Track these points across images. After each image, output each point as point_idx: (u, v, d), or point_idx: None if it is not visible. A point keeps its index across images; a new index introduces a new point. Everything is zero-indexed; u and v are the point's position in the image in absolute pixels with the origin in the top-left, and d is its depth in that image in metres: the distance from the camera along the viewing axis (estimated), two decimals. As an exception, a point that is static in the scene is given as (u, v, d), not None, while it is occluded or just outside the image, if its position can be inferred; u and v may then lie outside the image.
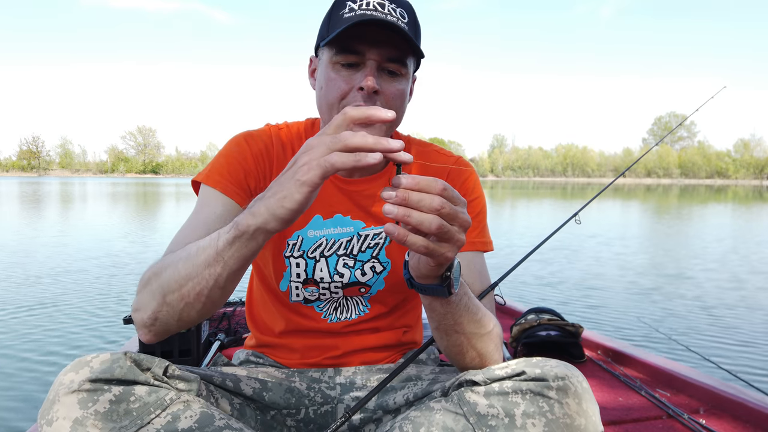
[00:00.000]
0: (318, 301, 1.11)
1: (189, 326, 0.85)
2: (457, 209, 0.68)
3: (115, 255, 7.10)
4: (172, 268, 0.80)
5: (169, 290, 0.80)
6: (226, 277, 0.77)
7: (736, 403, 1.62)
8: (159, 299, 0.81)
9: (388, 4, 0.95)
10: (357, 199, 1.09)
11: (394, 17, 0.94)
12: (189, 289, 0.79)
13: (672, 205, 22.73)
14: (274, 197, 0.70)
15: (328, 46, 0.96)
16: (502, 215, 15.56)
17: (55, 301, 4.57)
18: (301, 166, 0.67)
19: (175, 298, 0.80)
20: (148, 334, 0.85)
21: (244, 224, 0.73)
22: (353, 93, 0.95)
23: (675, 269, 6.55)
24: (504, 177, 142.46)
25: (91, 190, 34.15)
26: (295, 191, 0.68)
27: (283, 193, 0.69)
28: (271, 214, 0.70)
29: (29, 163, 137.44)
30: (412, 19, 0.98)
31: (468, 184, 1.12)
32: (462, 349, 0.89)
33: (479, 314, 0.87)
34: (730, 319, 4.23)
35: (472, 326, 0.86)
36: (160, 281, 0.81)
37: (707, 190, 51.49)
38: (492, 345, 0.90)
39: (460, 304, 0.83)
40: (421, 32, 1.02)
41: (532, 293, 5.06)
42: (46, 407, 0.74)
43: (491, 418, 0.79)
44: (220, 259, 0.76)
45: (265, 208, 0.71)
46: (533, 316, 2.24)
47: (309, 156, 0.67)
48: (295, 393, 1.06)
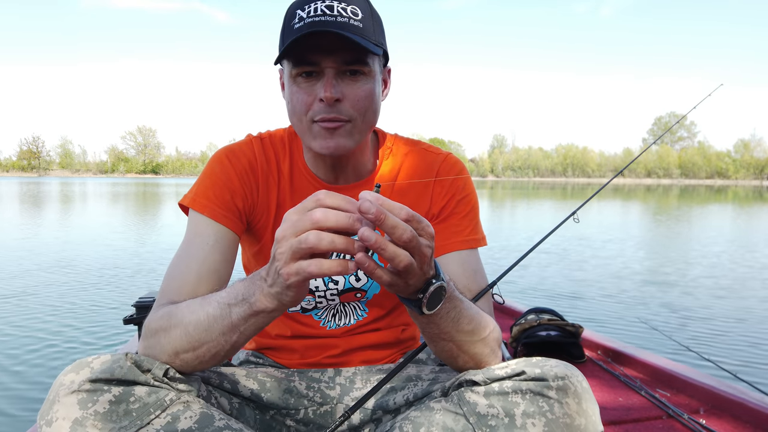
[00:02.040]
0: (315, 309, 1.10)
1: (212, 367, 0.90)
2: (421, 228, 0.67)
3: (116, 255, 7.10)
4: (181, 330, 0.81)
5: (182, 350, 0.82)
6: (243, 341, 0.81)
7: (736, 403, 1.62)
8: (171, 355, 0.82)
9: (336, 4, 0.91)
10: None
11: (345, 17, 0.90)
12: (204, 351, 0.81)
13: (672, 206, 22.73)
14: (272, 288, 0.72)
15: (285, 59, 0.95)
16: (502, 216, 15.56)
17: (55, 301, 4.57)
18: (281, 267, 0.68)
19: (190, 357, 0.82)
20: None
21: (260, 306, 0.74)
22: (316, 103, 0.93)
23: (675, 269, 6.55)
24: (504, 177, 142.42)
25: (91, 191, 34.14)
26: (283, 293, 0.71)
27: (276, 289, 0.71)
28: (280, 303, 0.73)
29: (29, 163, 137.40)
30: (367, 13, 0.94)
31: (458, 182, 1.10)
32: (452, 354, 0.87)
33: (472, 324, 0.84)
34: (731, 319, 4.23)
35: (462, 336, 0.84)
36: (171, 339, 0.82)
37: (707, 191, 51.49)
38: (487, 349, 0.88)
39: (447, 317, 0.80)
40: (381, 22, 0.99)
41: (532, 293, 5.06)
42: (45, 407, 0.74)
43: (491, 418, 0.79)
44: (235, 330, 0.78)
45: (274, 297, 0.73)
46: (533, 316, 2.24)
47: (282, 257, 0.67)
48: (294, 393, 1.06)
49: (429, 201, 1.10)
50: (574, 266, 6.58)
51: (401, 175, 1.11)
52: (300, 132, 0.99)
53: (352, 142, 0.97)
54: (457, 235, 1.06)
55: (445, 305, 0.78)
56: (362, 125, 0.97)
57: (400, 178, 1.10)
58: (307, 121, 0.95)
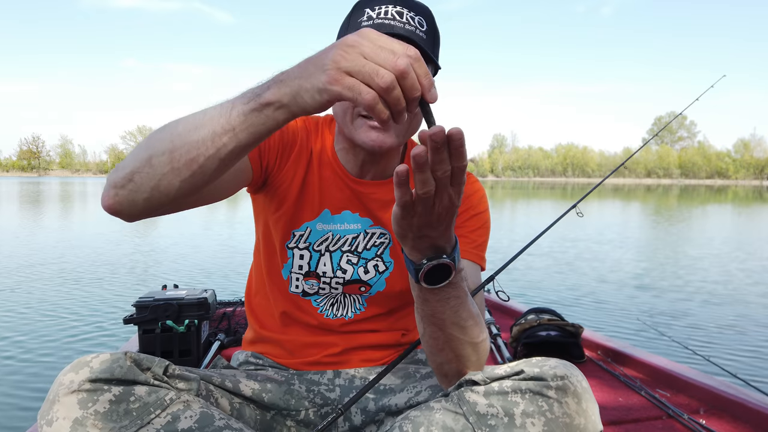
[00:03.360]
0: (316, 295, 1.11)
1: (159, 205, 0.76)
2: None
3: (116, 254, 7.09)
4: (170, 130, 0.74)
5: (158, 151, 0.73)
6: (230, 150, 0.71)
7: (736, 403, 1.62)
8: (144, 158, 0.74)
9: (406, 12, 0.93)
10: (365, 201, 1.09)
11: (412, 26, 0.93)
12: (182, 153, 0.72)
13: (672, 206, 22.73)
14: (300, 79, 0.65)
15: None
16: (502, 214, 15.56)
17: (55, 300, 4.57)
18: (333, 67, 0.62)
19: (163, 161, 0.73)
20: (112, 198, 0.76)
21: (270, 97, 0.67)
22: None
23: (675, 269, 6.54)
24: (504, 177, 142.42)
25: (91, 191, 34.14)
26: (305, 91, 0.65)
27: (303, 82, 0.65)
28: (293, 99, 0.66)
29: (29, 163, 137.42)
30: (430, 27, 0.97)
31: (474, 197, 1.11)
32: (437, 345, 0.85)
33: (469, 322, 0.82)
34: (731, 320, 4.23)
35: (455, 330, 0.82)
36: (152, 141, 0.75)
37: (707, 191, 51.50)
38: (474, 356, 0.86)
39: (447, 303, 0.79)
40: (440, 38, 1.02)
41: (532, 293, 5.06)
42: (45, 407, 0.74)
43: (491, 417, 0.79)
44: (228, 131, 0.70)
45: (293, 90, 0.66)
46: (533, 316, 2.24)
47: (343, 62, 0.62)
48: (295, 395, 1.06)
49: None
50: (574, 266, 6.58)
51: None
52: (342, 123, 1.00)
53: (394, 142, 0.99)
54: (464, 245, 1.06)
55: (448, 290, 0.78)
56: (407, 129, 1.00)
57: None
58: (353, 114, 0.97)
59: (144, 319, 1.96)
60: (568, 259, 7.06)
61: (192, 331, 1.99)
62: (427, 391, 1.03)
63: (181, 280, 4.96)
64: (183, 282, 4.08)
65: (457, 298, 0.79)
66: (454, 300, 0.79)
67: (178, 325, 1.97)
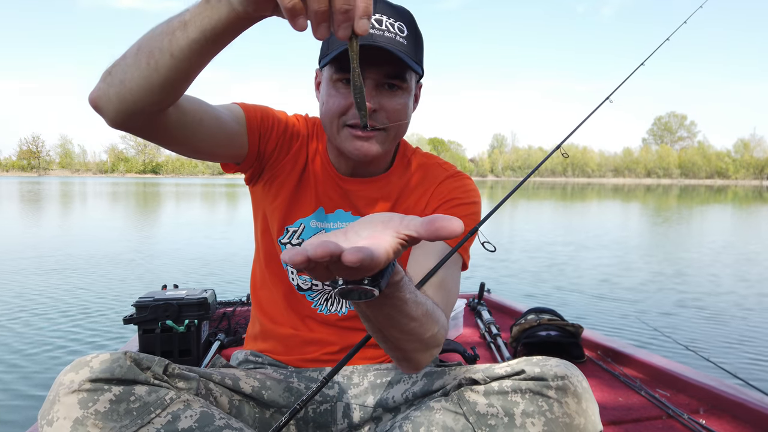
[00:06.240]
0: (310, 291, 1.13)
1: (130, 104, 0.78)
2: None
3: (115, 254, 7.09)
4: (136, 42, 0.77)
5: (133, 47, 0.76)
6: (181, 46, 0.71)
7: (736, 403, 1.62)
8: (123, 53, 0.78)
9: (386, 19, 0.94)
10: (353, 199, 1.11)
11: (392, 33, 0.94)
12: (144, 46, 0.74)
13: (672, 206, 22.73)
14: None
15: (327, 64, 0.98)
16: (502, 213, 15.55)
17: (54, 300, 4.57)
18: None
19: (131, 53, 0.76)
20: (94, 91, 0.81)
21: None
22: (352, 109, 0.97)
23: (675, 269, 6.54)
24: (504, 177, 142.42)
25: (91, 190, 34.14)
26: None
27: None
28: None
29: (29, 163, 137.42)
30: (411, 32, 0.98)
31: (465, 188, 1.12)
32: (381, 341, 0.81)
33: (410, 325, 0.76)
34: (730, 319, 4.23)
35: (393, 332, 0.76)
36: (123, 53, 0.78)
37: (707, 191, 51.49)
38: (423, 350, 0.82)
39: (380, 312, 0.72)
40: (422, 41, 1.03)
41: (531, 293, 5.06)
42: (46, 407, 0.74)
43: (491, 417, 0.79)
44: (182, 23, 0.71)
45: None
46: (533, 316, 2.24)
47: None
48: (294, 392, 1.06)
49: (425, 204, 1.12)
50: (574, 266, 6.58)
51: (409, 181, 1.14)
52: (330, 133, 1.03)
53: (381, 150, 1.02)
54: None
55: (378, 301, 0.69)
56: (393, 136, 1.02)
57: (408, 185, 1.14)
58: (339, 124, 0.99)
59: (144, 319, 1.96)
60: (568, 259, 7.06)
61: (192, 331, 1.99)
62: (423, 380, 1.03)
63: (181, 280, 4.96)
64: (183, 282, 4.09)
65: (392, 306, 0.71)
66: (389, 308, 0.71)
67: (178, 325, 1.97)
